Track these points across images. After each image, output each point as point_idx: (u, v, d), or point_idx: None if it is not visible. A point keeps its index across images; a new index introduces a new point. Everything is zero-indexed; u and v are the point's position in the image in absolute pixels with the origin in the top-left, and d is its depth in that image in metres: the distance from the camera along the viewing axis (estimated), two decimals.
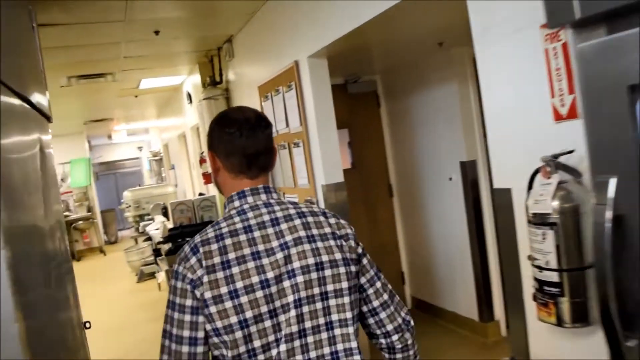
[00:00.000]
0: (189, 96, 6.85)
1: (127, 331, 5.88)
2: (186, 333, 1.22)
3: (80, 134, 11.90)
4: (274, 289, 1.23)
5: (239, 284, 1.21)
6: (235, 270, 1.22)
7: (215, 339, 1.22)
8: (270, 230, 1.29)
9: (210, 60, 5.68)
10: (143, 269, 7.95)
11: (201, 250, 1.24)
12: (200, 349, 1.23)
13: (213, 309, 1.19)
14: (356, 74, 4.76)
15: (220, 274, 1.21)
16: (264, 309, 1.21)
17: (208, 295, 1.20)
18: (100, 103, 8.33)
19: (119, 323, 6.24)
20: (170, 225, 5.71)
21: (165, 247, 5.27)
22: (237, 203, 1.34)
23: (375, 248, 4.93)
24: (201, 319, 1.21)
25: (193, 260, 1.24)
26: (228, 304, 1.19)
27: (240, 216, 1.30)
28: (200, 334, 1.22)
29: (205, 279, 1.21)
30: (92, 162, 13.16)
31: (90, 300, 7.66)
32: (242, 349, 1.21)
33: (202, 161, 6.11)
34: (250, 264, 1.23)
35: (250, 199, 1.34)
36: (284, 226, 1.30)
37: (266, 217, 1.31)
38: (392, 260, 5.04)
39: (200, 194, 6.32)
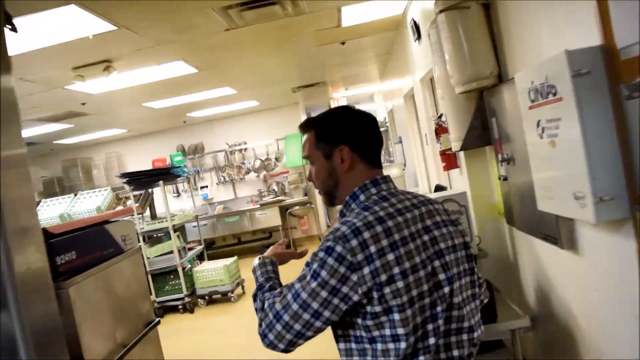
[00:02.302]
0: (416, 28, 4.28)
1: None
2: (326, 313, 1.28)
3: (295, 105, 10.26)
4: (429, 268, 1.32)
5: (407, 264, 1.28)
6: (402, 250, 1.28)
7: (383, 318, 1.27)
8: (415, 212, 1.37)
9: None
10: None
11: (365, 234, 1.27)
12: (324, 326, 1.32)
13: (387, 290, 1.25)
14: None
15: (390, 256, 1.27)
16: (425, 287, 1.30)
17: (383, 278, 1.25)
18: (302, 58, 6.27)
19: None
20: None
21: None
22: (373, 190, 1.43)
23: None
24: (344, 307, 1.27)
25: (354, 242, 1.27)
26: (400, 284, 1.26)
27: (386, 201, 1.38)
28: (334, 317, 1.29)
29: (377, 264, 1.25)
30: None
31: None
32: (411, 325, 1.27)
33: (439, 131, 3.52)
34: (411, 245, 1.31)
35: (384, 186, 1.45)
36: (423, 209, 1.40)
37: (407, 203, 1.39)
38: None
39: (439, 188, 3.76)
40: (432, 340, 1.31)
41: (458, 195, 3.10)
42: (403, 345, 1.27)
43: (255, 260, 1.63)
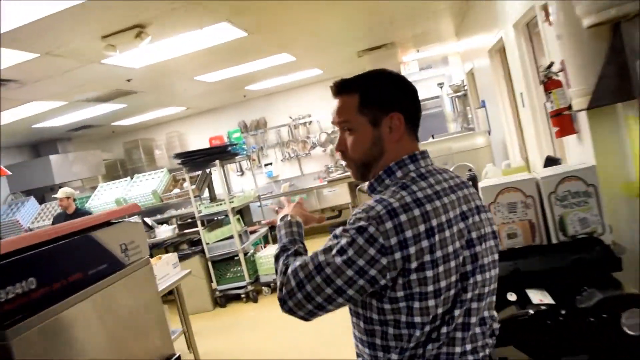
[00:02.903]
0: None
1: None
2: (350, 292, 1.21)
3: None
4: (461, 258, 1.24)
5: (439, 253, 1.20)
6: (437, 238, 1.20)
7: (402, 304, 1.21)
8: (453, 197, 1.28)
9: None
10: None
11: (402, 217, 1.19)
12: (346, 302, 1.25)
13: (413, 276, 1.19)
14: None
15: (425, 243, 1.19)
16: (454, 278, 1.22)
17: (414, 265, 1.18)
18: (366, 14, 5.44)
19: None
20: None
21: None
22: (411, 167, 1.33)
23: None
24: (370, 288, 1.21)
25: (389, 224, 1.18)
26: (428, 273, 1.19)
27: (424, 180, 1.28)
28: (357, 296, 1.23)
29: (411, 250, 1.18)
30: None
31: None
32: (431, 316, 1.22)
33: (549, 86, 2.65)
34: (447, 232, 1.22)
35: (422, 163, 1.34)
36: (460, 194, 1.31)
37: (445, 184, 1.30)
38: None
39: (551, 161, 2.91)
40: (444, 330, 1.25)
41: (584, 172, 2.26)
42: (418, 333, 1.23)
43: (280, 219, 1.52)
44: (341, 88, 1.38)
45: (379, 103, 1.34)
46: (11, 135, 7.46)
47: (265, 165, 9.90)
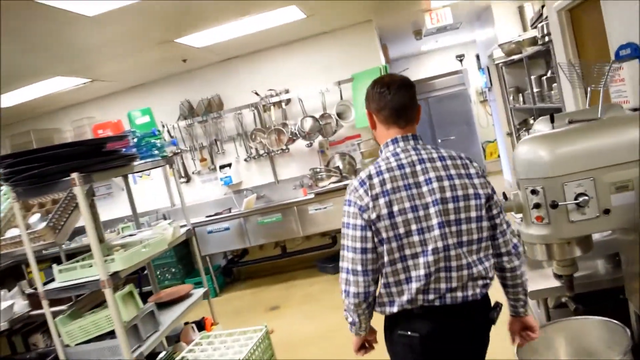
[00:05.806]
0: None
1: None
2: (358, 244, 1.72)
3: (367, 25, 6.16)
4: (421, 212, 1.69)
5: (395, 207, 1.68)
6: (392, 197, 1.69)
7: (380, 249, 1.71)
8: (418, 167, 1.74)
9: None
10: None
11: (367, 182, 1.72)
12: (369, 255, 1.72)
13: (379, 225, 1.69)
14: None
15: (381, 200, 1.69)
16: (413, 227, 1.69)
17: (374, 215, 1.68)
18: None
19: None
20: None
21: None
22: (391, 147, 1.81)
23: None
24: (369, 233, 1.70)
25: (361, 191, 1.72)
26: (387, 222, 1.68)
27: (394, 157, 1.77)
28: (369, 245, 1.71)
29: (371, 204, 1.69)
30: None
31: None
32: (396, 255, 1.70)
33: None
34: (403, 193, 1.70)
35: (401, 144, 1.80)
36: (428, 165, 1.74)
37: (414, 157, 1.76)
38: None
39: None
40: (422, 272, 1.69)
41: None
42: (388, 270, 1.72)
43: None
44: None
45: (366, 106, 1.89)
46: None
47: (221, 167, 6.56)
